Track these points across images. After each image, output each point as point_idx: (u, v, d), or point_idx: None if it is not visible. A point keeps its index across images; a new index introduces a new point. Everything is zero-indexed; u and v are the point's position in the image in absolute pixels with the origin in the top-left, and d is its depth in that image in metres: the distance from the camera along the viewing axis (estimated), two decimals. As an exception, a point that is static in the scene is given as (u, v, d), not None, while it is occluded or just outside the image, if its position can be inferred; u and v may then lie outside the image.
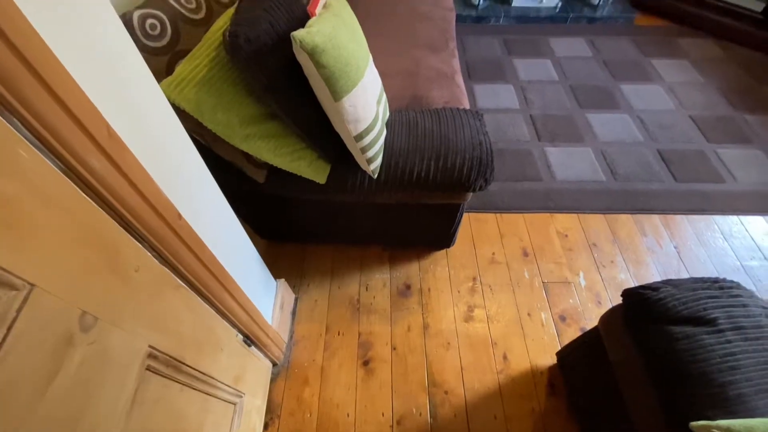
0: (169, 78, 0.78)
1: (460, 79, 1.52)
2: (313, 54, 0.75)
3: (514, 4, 2.55)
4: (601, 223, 1.59)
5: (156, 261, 0.61)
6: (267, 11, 0.78)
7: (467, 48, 2.37)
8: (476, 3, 2.54)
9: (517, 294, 1.41)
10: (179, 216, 0.64)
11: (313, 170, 1.00)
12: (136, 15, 0.76)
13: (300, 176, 1.01)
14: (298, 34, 0.73)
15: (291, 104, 0.85)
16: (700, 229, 1.57)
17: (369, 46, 1.60)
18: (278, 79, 0.80)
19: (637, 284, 1.41)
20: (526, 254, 1.51)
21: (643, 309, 0.79)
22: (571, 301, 1.39)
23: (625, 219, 1.60)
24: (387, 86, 1.41)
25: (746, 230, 1.58)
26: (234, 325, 0.92)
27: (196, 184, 0.72)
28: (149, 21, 0.79)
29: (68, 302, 0.42)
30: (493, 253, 1.51)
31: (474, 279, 1.45)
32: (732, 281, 0.85)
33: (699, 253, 1.51)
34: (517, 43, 2.39)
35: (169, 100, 0.77)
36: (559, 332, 1.32)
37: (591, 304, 1.38)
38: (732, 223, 1.59)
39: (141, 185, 0.54)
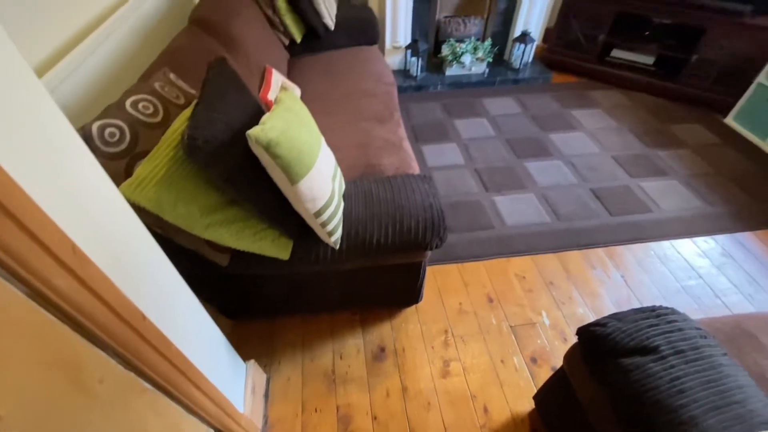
0: (129, 180, 0.81)
1: (407, 145, 1.66)
2: (268, 148, 0.82)
3: (447, 73, 2.86)
4: (553, 261, 1.71)
5: (120, 367, 0.60)
6: (222, 112, 0.86)
7: (412, 114, 2.59)
8: (415, 75, 2.82)
9: (488, 342, 1.44)
10: (143, 317, 0.64)
11: (277, 248, 1.03)
12: (95, 127, 0.81)
13: (264, 255, 1.04)
14: (253, 132, 0.81)
15: (251, 191, 0.90)
16: (639, 257, 1.73)
17: (321, 123, 1.73)
18: (237, 171, 0.86)
19: (594, 317, 1.51)
20: (490, 300, 1.58)
21: (595, 345, 0.86)
22: (539, 341, 1.44)
23: (573, 255, 1.73)
24: (342, 158, 1.52)
25: (678, 253, 1.75)
26: (204, 420, 0.88)
27: (161, 282, 0.73)
28: (108, 130, 0.84)
29: None
30: (460, 303, 1.57)
31: (446, 332, 1.47)
32: (667, 308, 0.95)
33: (643, 279, 1.65)
34: (455, 106, 2.66)
35: (129, 200, 0.80)
36: (532, 375, 1.35)
37: (557, 341, 1.44)
38: (665, 247, 1.77)
39: (106, 295, 0.55)
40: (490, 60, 2.85)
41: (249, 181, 0.89)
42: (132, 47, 1.71)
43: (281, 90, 1.06)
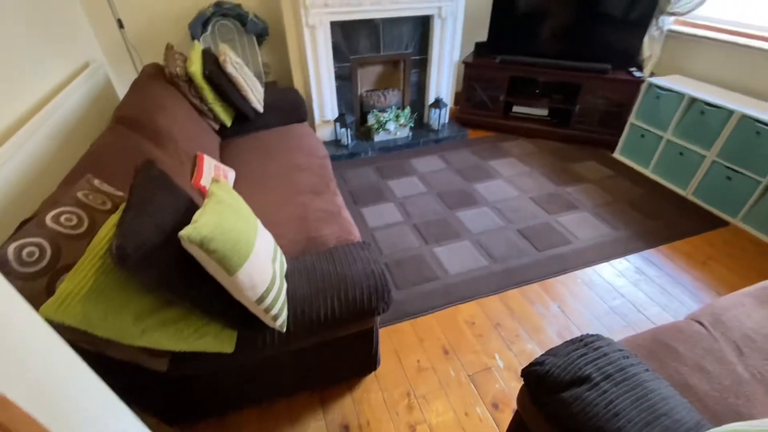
0: (51, 299, 0.77)
1: (346, 213, 1.74)
2: (202, 244, 0.84)
3: (376, 139, 3.09)
4: (497, 303, 1.81)
5: None
6: (151, 216, 0.87)
7: (348, 180, 2.73)
8: (346, 144, 3.01)
9: (450, 396, 1.45)
10: (72, 453, 0.59)
11: (220, 342, 1.00)
12: (11, 249, 0.78)
13: (207, 352, 1.00)
14: (185, 231, 0.83)
15: (188, 290, 0.89)
16: (570, 286, 1.90)
17: (259, 201, 1.76)
18: (172, 273, 0.85)
19: (541, 350, 1.60)
20: (446, 352, 1.61)
21: (538, 384, 0.92)
22: (497, 385, 1.48)
23: (513, 294, 1.86)
24: (282, 234, 1.54)
25: (601, 276, 1.95)
26: None
27: (92, 410, 0.68)
28: (27, 249, 0.80)
29: None
30: (418, 361, 1.58)
31: (408, 394, 1.46)
32: (593, 335, 1.06)
33: (577, 306, 1.80)
34: (387, 168, 2.85)
35: (53, 321, 0.75)
36: (497, 422, 1.37)
37: (514, 382, 1.49)
38: (589, 274, 1.96)
39: (27, 439, 0.51)
40: (412, 125, 3.14)
41: (185, 281, 0.88)
42: (52, 151, 1.67)
43: (212, 182, 1.10)
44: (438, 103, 3.15)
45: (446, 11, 2.80)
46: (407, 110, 3.11)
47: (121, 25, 2.56)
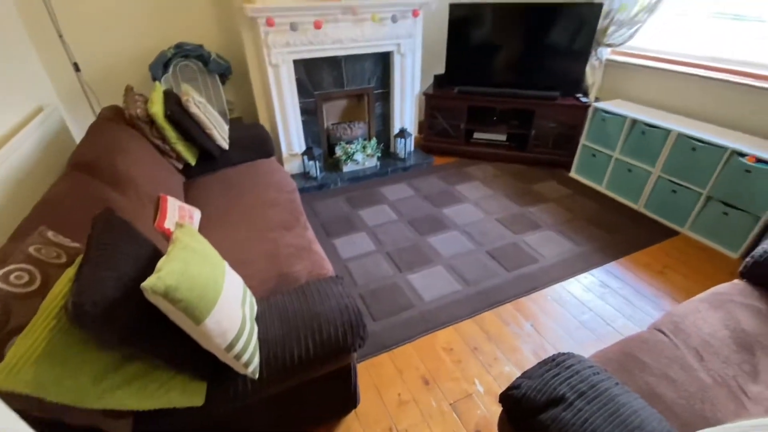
0: (0, 365, 0.72)
1: (317, 246, 1.73)
2: (167, 294, 0.81)
3: (345, 170, 3.13)
4: (472, 326, 1.83)
5: None
6: (111, 268, 0.84)
7: (319, 212, 2.72)
8: (315, 176, 3.03)
9: (433, 428, 1.43)
10: None
11: (188, 396, 0.95)
12: (-49, 315, 0.72)
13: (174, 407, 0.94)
14: (149, 283, 0.80)
15: (152, 344, 0.85)
16: (541, 304, 1.95)
17: (227, 241, 1.72)
18: (134, 327, 0.81)
19: (519, 372, 1.61)
20: (426, 382, 1.59)
21: (516, 409, 0.93)
22: (478, 411, 1.48)
23: (488, 316, 1.88)
24: (252, 273, 1.51)
25: (569, 292, 2.02)
26: None
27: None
28: (-31, 314, 0.75)
29: None
30: (399, 394, 1.55)
31: (390, 430, 1.43)
32: (564, 354, 1.09)
33: (549, 323, 1.84)
34: (357, 197, 2.88)
35: (1, 390, 0.69)
36: (481, 450, 1.36)
37: (494, 407, 1.49)
38: (558, 290, 2.03)
39: None
40: (379, 154, 3.21)
41: (149, 334, 0.84)
42: (0, 204, 1.58)
43: (177, 226, 1.08)
44: (403, 133, 3.25)
45: (405, 47, 2.95)
46: (374, 141, 3.18)
47: (77, 68, 2.51)
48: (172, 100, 2.14)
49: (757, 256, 1.47)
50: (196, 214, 1.94)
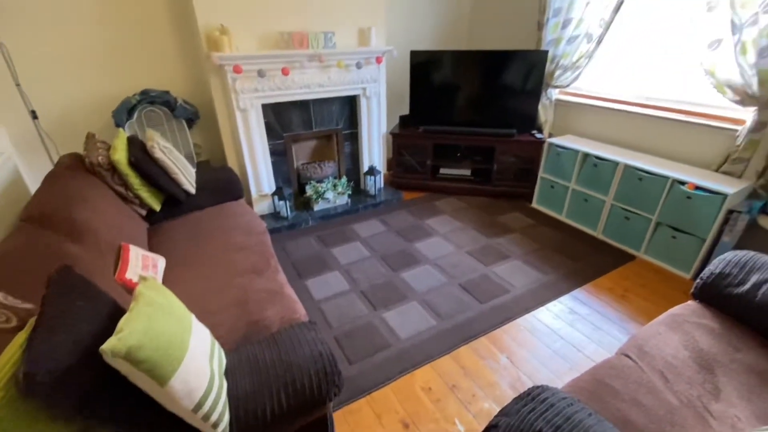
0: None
1: (289, 290, 1.70)
2: (128, 356, 0.77)
3: (315, 208, 3.14)
4: (449, 363, 1.82)
5: None
6: (67, 332, 0.79)
7: (290, 252, 2.69)
8: (285, 215, 3.01)
9: (415, 475, 1.38)
10: None
11: (152, 465, 0.88)
12: None
13: (135, 480, 0.87)
14: (108, 345, 0.76)
15: (112, 411, 0.79)
16: (514, 335, 1.98)
17: (192, 289, 1.66)
18: (92, 395, 0.76)
19: (498, 407, 1.60)
20: (406, 425, 1.55)
21: (496, 449, 0.93)
22: (461, 453, 1.44)
23: (464, 351, 1.88)
24: (220, 323, 1.45)
25: (540, 321, 2.07)
26: None
27: None
28: None
29: None
30: (379, 441, 1.49)
31: (371, 482, 1.36)
32: (539, 387, 1.11)
33: (524, 354, 1.86)
34: (329, 236, 2.87)
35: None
36: (466, 495, 1.32)
37: (476, 447, 1.46)
38: (529, 320, 2.07)
39: None
40: (350, 192, 3.26)
41: (108, 401, 0.79)
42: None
43: (140, 280, 1.04)
44: (372, 171, 3.33)
45: (370, 91, 3.09)
46: (344, 179, 3.23)
47: (35, 116, 2.44)
48: (136, 146, 2.11)
49: (705, 278, 1.58)
50: (161, 262, 1.87)
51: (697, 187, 2.24)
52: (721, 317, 1.51)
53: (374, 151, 3.39)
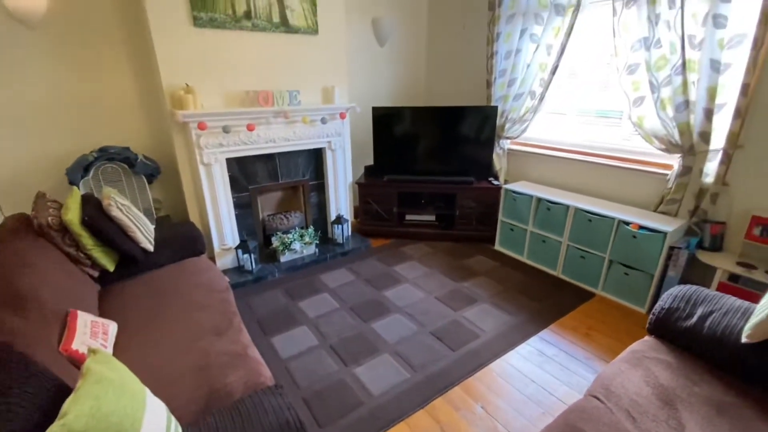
0: None
1: (253, 351, 1.62)
2: (72, 444, 0.70)
3: (282, 260, 3.08)
4: (425, 418, 1.76)
5: None
6: (4, 419, 0.71)
7: (255, 308, 2.58)
8: (250, 269, 2.92)
9: None
10: None
11: None
12: None
13: None
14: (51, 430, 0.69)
15: None
16: (487, 382, 1.96)
17: (148, 357, 1.54)
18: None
19: (476, 463, 1.55)
20: (382, 493, 1.45)
21: None
22: None
23: (439, 403, 1.84)
24: (177, 393, 1.35)
25: (511, 365, 2.07)
26: None
27: None
28: None
29: None
30: None
31: None
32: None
33: (498, 402, 1.84)
34: (296, 288, 2.80)
35: None
36: None
37: None
38: (501, 365, 2.07)
39: None
40: (317, 241, 3.24)
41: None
42: None
43: (89, 353, 0.96)
44: (339, 219, 3.36)
45: (335, 144, 3.20)
46: (311, 229, 3.23)
47: (-24, 175, 2.31)
48: (91, 204, 2.03)
49: (656, 313, 1.68)
50: (112, 327, 1.74)
51: (641, 227, 2.43)
52: (676, 351, 1.59)
53: (341, 201, 3.44)
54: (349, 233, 3.53)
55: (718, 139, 2.26)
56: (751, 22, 2.00)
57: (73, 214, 1.91)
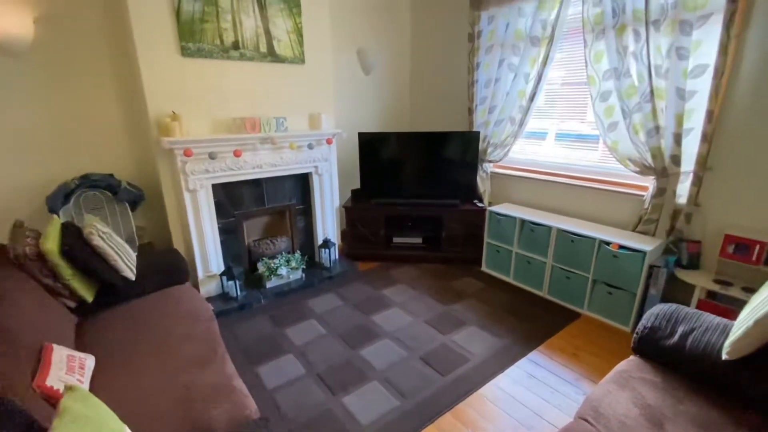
0: None
1: (238, 382, 1.58)
2: (45, 490, 0.66)
3: (268, 285, 3.03)
4: (415, 447, 1.72)
5: None
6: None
7: (239, 336, 2.52)
8: (235, 296, 2.87)
9: None
10: None
11: None
12: None
13: None
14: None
15: None
16: (478, 408, 1.94)
17: (127, 392, 1.49)
18: None
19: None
20: None
21: None
22: None
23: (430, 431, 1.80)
24: (158, 429, 1.29)
25: (501, 389, 2.06)
26: None
27: None
28: None
29: None
30: None
31: None
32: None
33: (490, 429, 1.82)
34: (282, 315, 2.75)
35: None
36: None
37: None
38: (491, 389, 2.05)
39: None
40: (304, 266, 3.22)
41: None
42: None
43: (66, 390, 0.93)
44: (326, 243, 3.35)
45: (322, 169, 3.23)
46: (297, 254, 3.21)
47: (-50, 204, 2.24)
48: (71, 233, 1.99)
49: (640, 332, 1.71)
50: (89, 361, 1.67)
51: (621, 246, 2.50)
52: (660, 370, 1.61)
53: (328, 224, 3.45)
54: (337, 257, 3.52)
55: (689, 162, 2.37)
56: (712, 54, 2.15)
57: (52, 244, 1.86)
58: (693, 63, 2.24)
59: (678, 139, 2.35)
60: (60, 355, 1.59)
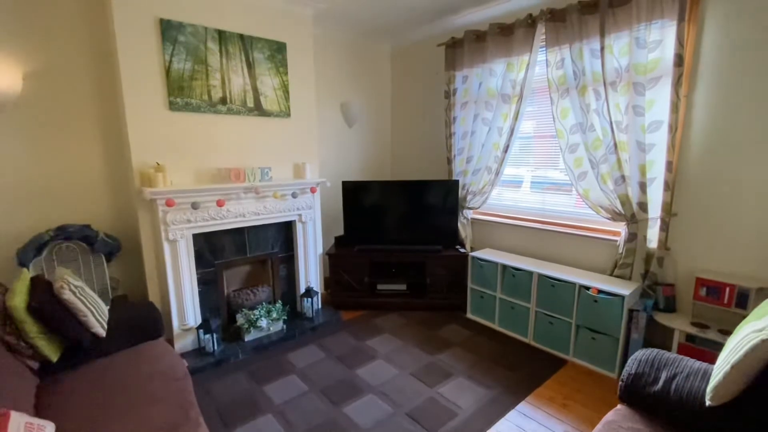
0: None
1: (212, 448, 1.47)
2: None
3: (247, 339, 2.91)
4: None
5: None
6: None
7: (215, 395, 2.37)
8: (212, 350, 2.73)
9: None
10: None
11: None
12: None
13: None
14: None
15: None
16: (468, 467, 1.84)
17: (86, 465, 1.36)
18: None
19: None
20: None
21: None
22: None
23: (418, 497, 1.68)
24: None
25: (491, 445, 1.97)
26: None
27: None
28: None
29: None
30: None
31: None
32: None
33: (480, 490, 1.72)
34: (261, 370, 2.62)
35: None
36: None
37: None
38: (481, 445, 1.97)
39: None
40: (285, 317, 3.12)
41: None
42: None
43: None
44: (309, 292, 3.29)
45: (306, 217, 3.25)
46: (279, 304, 3.12)
47: None
48: (40, 288, 1.90)
49: (625, 379, 1.70)
50: (49, 429, 1.53)
51: (600, 291, 2.55)
52: (648, 418, 1.59)
53: (311, 272, 3.40)
54: (320, 306, 3.44)
55: (656, 208, 2.51)
56: (665, 111, 2.36)
57: (19, 299, 1.78)
58: (649, 119, 2.45)
59: (643, 187, 2.51)
60: (17, 423, 1.45)
